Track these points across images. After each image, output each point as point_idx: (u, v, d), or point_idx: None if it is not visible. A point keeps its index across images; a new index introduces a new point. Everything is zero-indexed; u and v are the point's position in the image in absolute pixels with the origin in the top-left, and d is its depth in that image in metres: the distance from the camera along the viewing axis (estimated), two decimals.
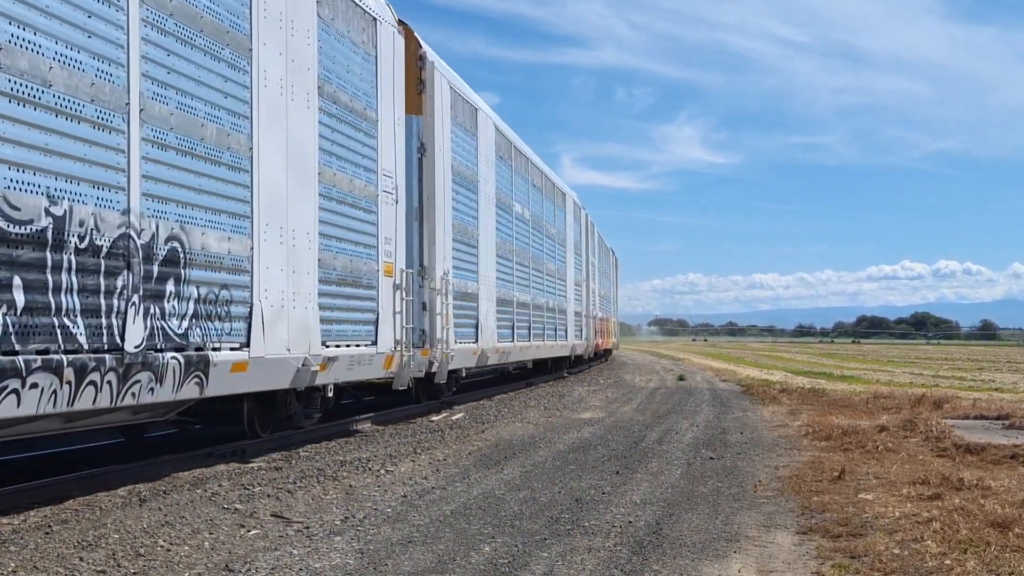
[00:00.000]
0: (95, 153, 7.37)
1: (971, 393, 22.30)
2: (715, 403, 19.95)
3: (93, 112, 7.35)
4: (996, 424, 14.51)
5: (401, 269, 13.57)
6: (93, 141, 7.35)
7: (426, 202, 15.30)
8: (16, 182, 6.60)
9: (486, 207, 19.24)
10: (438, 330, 15.32)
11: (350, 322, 11.96)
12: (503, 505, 7.94)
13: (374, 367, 12.67)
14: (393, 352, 13.17)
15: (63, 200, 7.01)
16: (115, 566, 5.85)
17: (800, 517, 7.56)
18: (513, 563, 6.02)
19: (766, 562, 6.16)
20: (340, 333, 11.68)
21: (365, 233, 12.47)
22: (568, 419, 15.74)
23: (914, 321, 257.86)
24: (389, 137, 13.26)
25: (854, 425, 13.75)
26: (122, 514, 7.30)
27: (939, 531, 6.73)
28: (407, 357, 13.57)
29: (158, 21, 8.18)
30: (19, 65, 6.63)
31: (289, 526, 7.06)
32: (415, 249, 14.92)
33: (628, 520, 7.37)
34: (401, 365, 13.44)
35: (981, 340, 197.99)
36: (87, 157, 7.28)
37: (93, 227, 7.31)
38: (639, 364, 44.70)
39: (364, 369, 12.35)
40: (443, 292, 15.49)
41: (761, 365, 44.35)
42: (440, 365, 15.49)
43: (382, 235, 12.90)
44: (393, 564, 5.96)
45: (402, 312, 13.44)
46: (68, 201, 7.06)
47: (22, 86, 6.65)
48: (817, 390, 23.54)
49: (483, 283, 18.67)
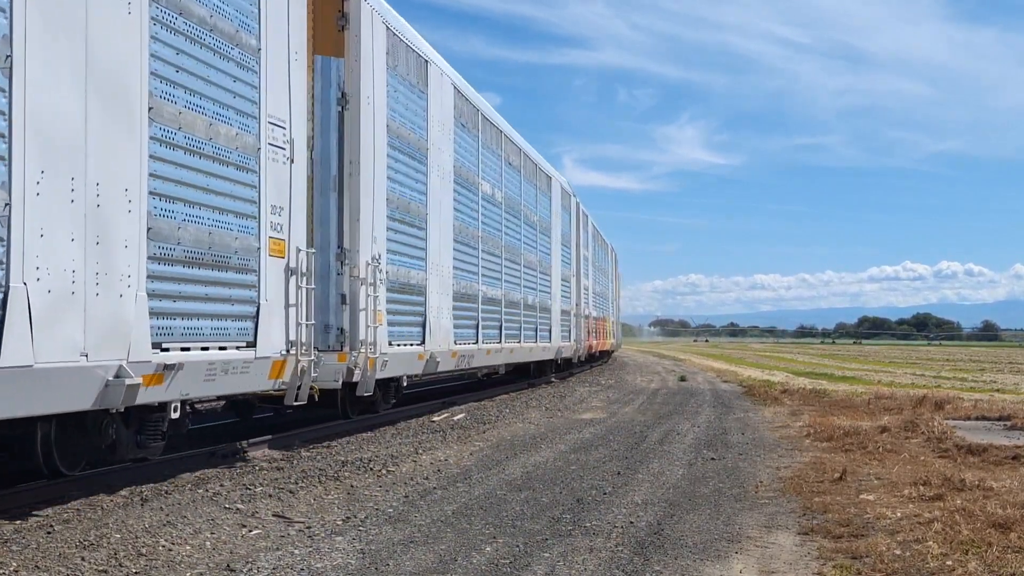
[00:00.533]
0: None
1: (972, 394, 22.29)
2: (716, 404, 19.95)
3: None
4: (998, 425, 14.51)
5: (299, 249, 10.39)
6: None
7: (348, 168, 12.33)
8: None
9: (440, 182, 15.96)
10: (362, 329, 12.33)
11: (209, 316, 8.82)
12: (504, 505, 7.94)
13: (253, 376, 9.57)
14: (285, 356, 10.10)
15: None
16: (117, 566, 5.86)
17: (801, 518, 7.56)
18: (514, 563, 6.02)
19: (767, 563, 6.16)
20: (191, 331, 8.66)
21: (237, 198, 9.22)
22: (569, 419, 15.74)
23: (916, 322, 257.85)
24: (280, 75, 10.17)
25: (855, 426, 13.75)
26: (124, 514, 7.30)
27: (941, 532, 6.73)
28: (307, 363, 10.47)
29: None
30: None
31: (291, 526, 7.06)
32: (331, 226, 12.23)
33: (629, 520, 7.37)
34: (297, 373, 10.36)
35: (983, 341, 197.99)
36: None
37: None
38: (640, 365, 44.70)
39: (236, 380, 9.28)
40: (371, 282, 12.52)
41: (762, 366, 44.34)
42: (364, 372, 12.42)
43: (266, 202, 9.72)
44: (395, 564, 5.96)
45: (300, 304, 10.37)
46: None
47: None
48: (818, 391, 23.54)
49: (434, 273, 15.59)
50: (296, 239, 10.44)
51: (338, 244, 12.28)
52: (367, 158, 12.64)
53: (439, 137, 15.91)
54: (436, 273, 15.70)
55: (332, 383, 11.97)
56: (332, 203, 12.24)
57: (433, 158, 15.56)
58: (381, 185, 13.19)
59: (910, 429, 13.33)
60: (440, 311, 15.89)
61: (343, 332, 12.21)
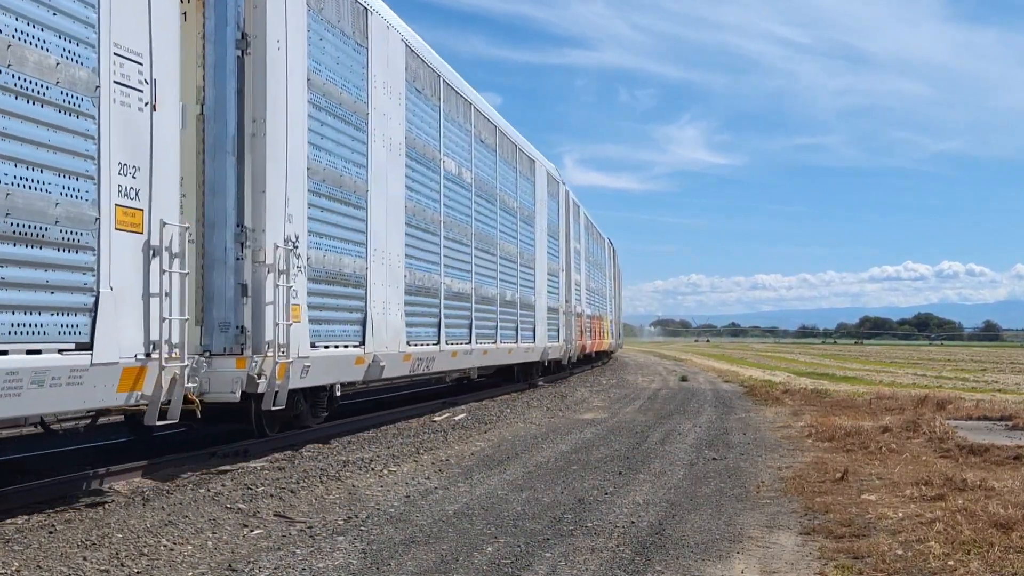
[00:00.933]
0: None
1: (974, 394, 22.28)
2: (718, 404, 19.95)
3: None
4: (999, 425, 14.50)
5: (164, 222, 8.17)
6: None
7: (252, 127, 9.97)
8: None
9: (386, 154, 13.35)
10: (268, 327, 9.91)
11: (9, 308, 6.62)
12: (506, 505, 7.94)
13: (89, 389, 7.32)
14: (144, 362, 7.90)
15: None
16: (118, 565, 5.86)
17: (803, 518, 7.56)
18: (516, 563, 6.02)
19: (769, 563, 6.16)
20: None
21: (57, 149, 7.06)
22: (570, 419, 15.74)
23: (917, 322, 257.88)
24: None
25: (857, 426, 13.74)
26: (125, 513, 7.31)
27: (942, 532, 6.73)
28: (180, 371, 8.35)
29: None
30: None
31: (292, 526, 7.07)
32: (228, 198, 9.80)
33: (631, 520, 7.37)
34: (162, 384, 8.12)
35: (984, 341, 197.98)
36: None
37: None
38: (641, 365, 44.70)
39: (58, 394, 6.99)
40: (282, 269, 10.14)
41: (764, 366, 44.35)
42: (272, 381, 9.93)
43: (111, 159, 7.58)
44: (396, 564, 5.97)
45: (171, 294, 8.23)
46: None
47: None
48: (820, 391, 23.54)
49: (378, 261, 13.00)
50: (162, 209, 8.18)
51: (237, 221, 9.84)
52: (277, 116, 10.25)
53: (385, 101, 13.30)
54: (381, 261, 13.13)
55: (228, 395, 9.53)
56: (230, 169, 9.81)
57: (376, 125, 12.94)
58: (299, 151, 10.74)
59: (912, 429, 13.32)
60: (387, 306, 13.34)
61: (244, 331, 9.76)
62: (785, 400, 20.78)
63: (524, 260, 23.08)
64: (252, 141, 9.97)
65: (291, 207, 10.49)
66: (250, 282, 9.88)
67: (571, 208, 31.08)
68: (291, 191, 10.50)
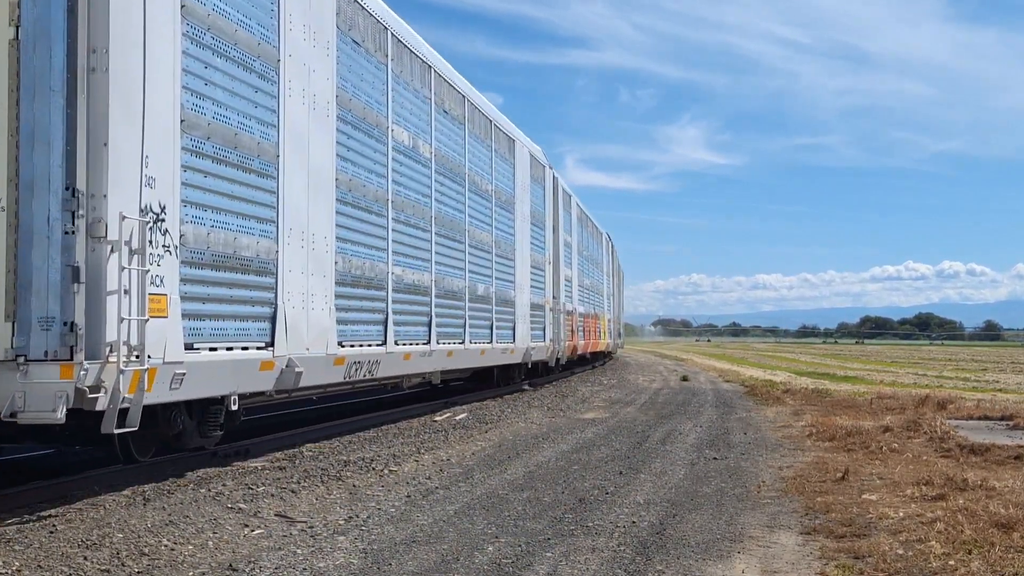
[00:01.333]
0: None
1: (975, 394, 22.29)
2: (718, 404, 19.96)
3: None
4: (1000, 425, 14.50)
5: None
6: None
7: (90, 58, 7.53)
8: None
9: (307, 113, 10.92)
10: (111, 324, 7.45)
11: None
12: (507, 505, 7.94)
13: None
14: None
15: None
16: (119, 565, 5.86)
17: (804, 518, 7.56)
18: (517, 563, 6.02)
19: (770, 562, 6.16)
20: None
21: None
22: (571, 419, 15.74)
23: (918, 322, 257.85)
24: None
25: (858, 426, 13.74)
26: (126, 513, 7.31)
27: (943, 532, 6.73)
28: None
29: None
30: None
31: (293, 526, 7.07)
32: (54, 153, 7.35)
33: (632, 520, 7.37)
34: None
35: (985, 341, 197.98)
36: None
37: None
38: (642, 365, 44.70)
39: None
40: (136, 248, 7.70)
41: (764, 366, 44.35)
42: (117, 394, 7.42)
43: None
44: (397, 564, 5.97)
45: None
46: None
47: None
48: (820, 391, 23.54)
49: (295, 243, 10.55)
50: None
51: (66, 183, 7.37)
52: (129, 48, 7.79)
53: (305, 49, 10.82)
54: (300, 244, 10.69)
55: (49, 415, 7.06)
56: (56, 113, 7.41)
57: (293, 76, 10.51)
58: (165, 96, 8.25)
59: (912, 429, 13.33)
60: (309, 299, 10.87)
61: (74, 329, 7.25)
62: (786, 400, 20.78)
63: (501, 250, 20.45)
64: (90, 77, 7.52)
65: (152, 167, 8.02)
66: (84, 264, 7.37)
67: (560, 196, 28.37)
68: (152, 147, 8.04)
